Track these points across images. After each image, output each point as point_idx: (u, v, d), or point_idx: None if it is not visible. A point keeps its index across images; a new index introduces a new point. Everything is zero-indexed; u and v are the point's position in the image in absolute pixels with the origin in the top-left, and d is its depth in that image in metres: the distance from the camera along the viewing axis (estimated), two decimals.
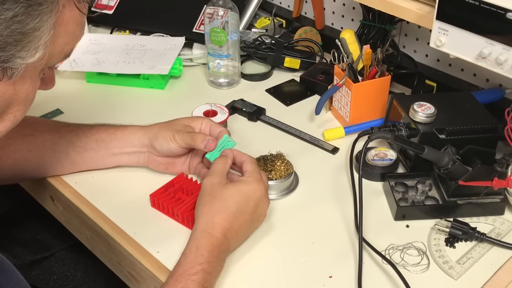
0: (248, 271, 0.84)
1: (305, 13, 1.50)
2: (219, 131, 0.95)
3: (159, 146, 0.95)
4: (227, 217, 0.83)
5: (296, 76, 1.31)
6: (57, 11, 0.62)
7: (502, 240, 0.88)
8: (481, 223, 0.91)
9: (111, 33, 1.47)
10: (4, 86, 0.62)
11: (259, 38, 1.36)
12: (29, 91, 0.66)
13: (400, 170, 1.03)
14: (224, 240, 0.81)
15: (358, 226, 0.87)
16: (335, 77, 1.15)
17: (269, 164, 0.97)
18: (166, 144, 0.95)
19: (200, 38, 1.33)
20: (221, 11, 1.20)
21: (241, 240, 0.87)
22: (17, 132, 0.96)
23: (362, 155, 0.90)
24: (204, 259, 0.77)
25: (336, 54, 1.12)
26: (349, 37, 1.10)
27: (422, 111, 0.97)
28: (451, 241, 0.88)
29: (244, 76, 1.32)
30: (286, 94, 1.26)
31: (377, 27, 1.22)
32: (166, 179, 0.98)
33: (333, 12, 1.43)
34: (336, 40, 1.11)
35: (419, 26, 1.23)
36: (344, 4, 1.39)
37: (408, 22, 1.24)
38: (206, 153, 0.94)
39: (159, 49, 1.33)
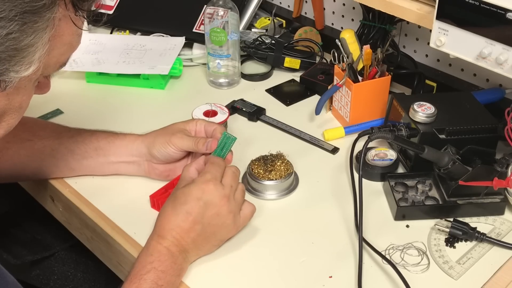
0: (248, 271, 0.84)
1: (305, 13, 1.50)
2: (213, 129, 0.95)
3: (157, 152, 0.95)
4: (171, 219, 0.82)
5: (296, 76, 1.31)
6: (52, 26, 0.61)
7: (502, 240, 0.88)
8: (481, 223, 0.91)
9: (111, 33, 1.47)
10: None
11: (259, 38, 1.36)
12: (23, 100, 0.66)
13: (400, 170, 1.03)
14: (173, 240, 0.81)
15: (358, 226, 0.87)
16: (335, 77, 1.15)
17: (269, 164, 0.97)
18: (164, 149, 0.94)
19: (200, 38, 1.33)
20: (221, 11, 1.20)
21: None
22: (16, 136, 0.95)
23: (362, 155, 0.90)
24: (153, 258, 0.78)
25: (336, 54, 1.12)
26: (349, 37, 1.10)
27: (422, 111, 0.97)
28: (451, 241, 0.88)
29: (244, 76, 1.32)
30: (286, 94, 1.26)
31: (377, 27, 1.22)
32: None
33: (333, 12, 1.43)
34: (336, 40, 1.11)
35: (419, 26, 1.23)
36: (344, 4, 1.39)
37: (408, 22, 1.24)
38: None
39: (159, 49, 1.33)
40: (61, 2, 0.62)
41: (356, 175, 0.97)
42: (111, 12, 1.49)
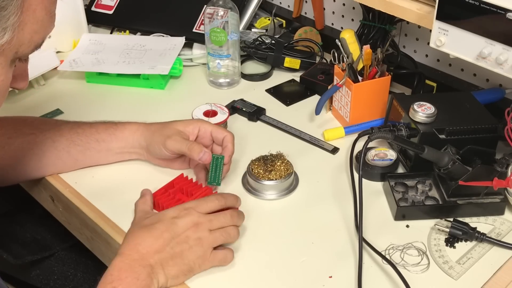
0: (248, 271, 0.84)
1: (305, 13, 1.50)
2: (223, 137, 0.96)
3: (153, 151, 0.97)
4: (138, 235, 0.80)
5: (296, 76, 1.31)
6: None
7: (502, 240, 0.88)
8: (481, 223, 0.91)
9: (111, 33, 1.47)
10: None
11: (259, 38, 1.36)
12: (1, 81, 0.66)
13: (400, 170, 1.03)
14: (137, 255, 0.77)
15: (358, 226, 0.87)
16: (335, 77, 1.15)
17: (269, 164, 0.97)
18: (159, 151, 0.96)
19: (200, 38, 1.33)
20: (221, 11, 1.20)
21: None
22: (18, 131, 0.96)
23: (362, 155, 0.90)
24: (113, 278, 0.75)
25: (336, 54, 1.12)
26: (349, 37, 1.10)
27: (422, 111, 0.97)
28: (451, 241, 0.88)
29: (244, 76, 1.32)
30: (286, 94, 1.26)
31: (377, 27, 1.22)
32: (166, 179, 0.99)
33: (333, 12, 1.43)
34: (336, 40, 1.11)
35: (419, 26, 1.23)
36: (344, 4, 1.39)
37: (408, 22, 1.24)
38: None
39: (159, 49, 1.33)
40: None
41: (356, 175, 0.97)
42: (111, 12, 1.49)
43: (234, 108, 1.19)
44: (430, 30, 0.90)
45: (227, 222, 0.85)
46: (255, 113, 1.18)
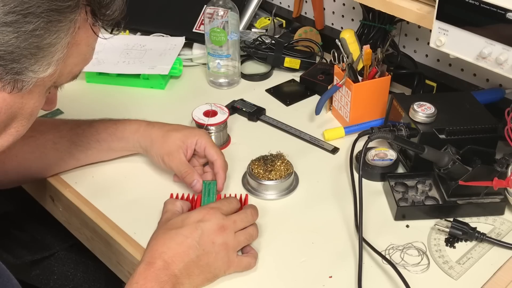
0: (248, 271, 0.84)
1: (305, 13, 1.50)
2: (214, 161, 0.96)
3: (151, 158, 0.99)
4: (164, 242, 0.79)
5: (296, 76, 1.31)
6: (73, 30, 0.64)
7: (502, 240, 0.88)
8: (481, 223, 0.91)
9: (111, 33, 1.46)
10: (12, 98, 0.64)
11: (259, 38, 1.36)
12: (35, 107, 0.67)
13: (400, 170, 1.03)
14: (163, 264, 0.76)
15: (358, 226, 0.87)
16: (335, 77, 1.15)
17: (269, 164, 0.97)
18: (157, 162, 0.98)
19: (200, 38, 1.33)
20: (221, 11, 1.20)
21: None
22: None
23: (362, 155, 0.90)
24: (139, 286, 0.74)
25: (336, 54, 1.12)
26: (349, 37, 1.10)
27: (422, 111, 0.97)
28: (451, 241, 0.88)
29: (244, 76, 1.32)
30: (286, 94, 1.26)
31: (377, 27, 1.22)
32: (166, 180, 0.99)
33: (333, 12, 1.43)
34: (336, 40, 1.11)
35: (419, 26, 1.23)
36: (344, 4, 1.39)
37: (408, 22, 1.24)
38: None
39: (159, 49, 1.33)
40: (83, 9, 0.64)
41: (356, 175, 0.97)
42: None
43: (234, 108, 1.19)
44: (430, 30, 0.90)
45: (249, 221, 0.86)
46: (255, 113, 1.18)
